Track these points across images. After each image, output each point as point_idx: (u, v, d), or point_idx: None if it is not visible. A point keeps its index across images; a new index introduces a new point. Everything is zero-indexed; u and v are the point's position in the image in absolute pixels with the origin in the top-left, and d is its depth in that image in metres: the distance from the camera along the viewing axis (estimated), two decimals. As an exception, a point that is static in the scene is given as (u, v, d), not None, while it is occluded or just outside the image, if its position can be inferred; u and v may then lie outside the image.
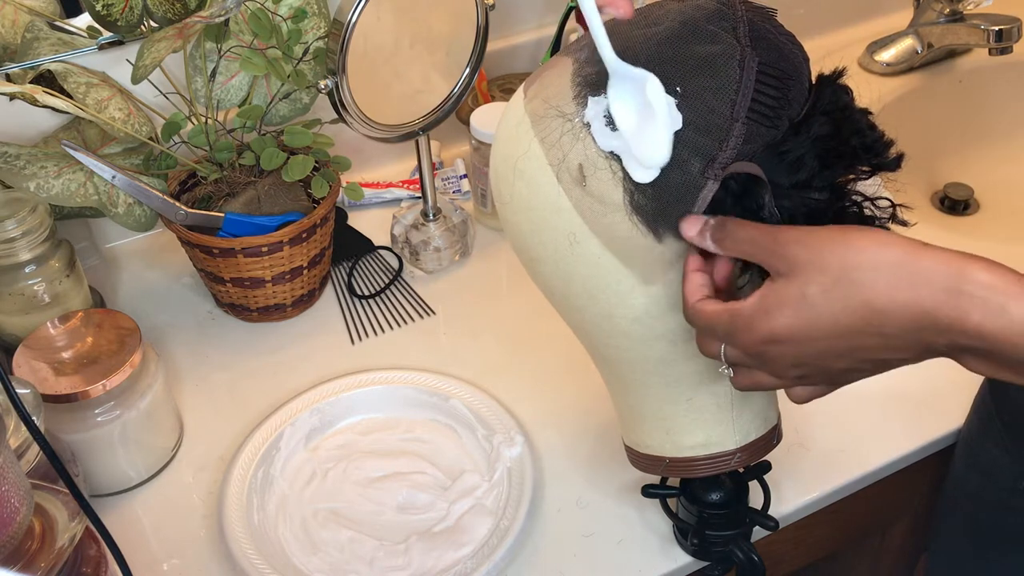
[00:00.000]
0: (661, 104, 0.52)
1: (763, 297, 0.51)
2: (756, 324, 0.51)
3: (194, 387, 0.90)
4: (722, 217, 0.53)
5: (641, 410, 0.66)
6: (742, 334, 0.52)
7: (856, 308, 0.48)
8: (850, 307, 0.48)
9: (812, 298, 0.48)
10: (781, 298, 0.50)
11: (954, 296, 0.45)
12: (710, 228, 0.53)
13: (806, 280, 0.49)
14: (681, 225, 0.54)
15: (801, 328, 0.49)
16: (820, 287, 0.48)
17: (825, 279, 0.48)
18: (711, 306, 0.54)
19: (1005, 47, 1.19)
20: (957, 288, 0.45)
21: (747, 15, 0.55)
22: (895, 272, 0.47)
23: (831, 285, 0.48)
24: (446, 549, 0.74)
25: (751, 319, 0.51)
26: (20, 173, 0.83)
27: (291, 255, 0.90)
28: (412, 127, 0.91)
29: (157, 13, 0.84)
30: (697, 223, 0.54)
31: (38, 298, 0.83)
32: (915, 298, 0.46)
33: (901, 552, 1.01)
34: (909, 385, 0.84)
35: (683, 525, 0.73)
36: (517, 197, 0.59)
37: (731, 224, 0.53)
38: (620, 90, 0.53)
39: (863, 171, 0.55)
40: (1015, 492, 0.75)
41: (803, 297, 0.49)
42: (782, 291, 0.50)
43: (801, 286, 0.49)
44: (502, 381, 0.87)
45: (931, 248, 0.47)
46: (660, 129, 0.52)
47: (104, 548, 0.64)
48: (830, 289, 0.48)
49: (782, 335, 0.50)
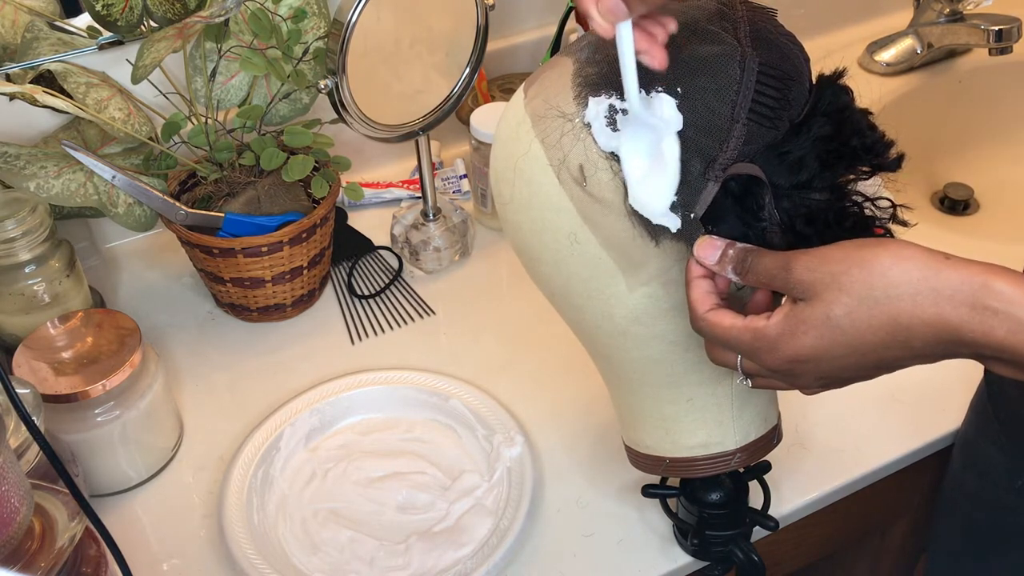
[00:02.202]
0: (674, 160, 0.52)
1: (787, 319, 0.50)
2: (781, 345, 0.50)
3: (194, 387, 0.90)
4: (745, 247, 0.53)
5: (641, 410, 0.66)
6: (766, 354, 0.51)
7: (882, 325, 0.48)
8: (875, 325, 0.48)
9: (837, 320, 0.48)
10: (806, 321, 0.49)
11: (978, 311, 0.45)
12: (731, 260, 0.53)
13: (831, 302, 0.48)
14: (696, 250, 0.54)
15: (827, 348, 0.49)
16: (845, 308, 0.48)
17: (850, 300, 0.48)
18: (728, 320, 0.53)
19: (1005, 47, 1.19)
20: (981, 303, 0.45)
21: (747, 15, 0.55)
22: (918, 288, 0.46)
23: (855, 306, 0.48)
24: (446, 549, 0.74)
25: (776, 340, 0.51)
26: (20, 173, 0.83)
27: (291, 255, 0.90)
28: (412, 127, 0.91)
29: (157, 13, 0.84)
30: (715, 251, 0.53)
31: (38, 298, 0.83)
32: (939, 314, 0.46)
33: (901, 552, 1.01)
34: (908, 385, 0.84)
35: (683, 525, 0.73)
36: (517, 197, 0.59)
37: (752, 256, 0.52)
38: (637, 134, 0.53)
39: (863, 171, 0.55)
40: (1012, 492, 0.75)
41: (828, 319, 0.48)
42: (807, 314, 0.49)
43: (826, 308, 0.48)
44: (502, 381, 0.87)
45: (952, 261, 0.47)
46: (666, 182, 0.52)
47: (104, 548, 0.64)
48: (854, 310, 0.48)
49: (808, 356, 0.50)
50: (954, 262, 0.47)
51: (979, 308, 0.45)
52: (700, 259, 0.54)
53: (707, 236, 0.54)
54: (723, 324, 0.53)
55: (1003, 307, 0.45)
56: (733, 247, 0.53)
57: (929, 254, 0.47)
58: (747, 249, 0.52)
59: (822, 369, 0.51)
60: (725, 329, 0.53)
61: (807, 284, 0.49)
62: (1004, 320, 0.45)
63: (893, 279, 0.47)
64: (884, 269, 0.47)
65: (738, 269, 0.53)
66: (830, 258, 0.49)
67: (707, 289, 0.54)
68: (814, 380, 0.52)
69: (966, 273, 0.46)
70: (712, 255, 0.53)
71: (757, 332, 0.51)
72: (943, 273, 0.46)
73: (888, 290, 0.47)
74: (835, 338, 0.49)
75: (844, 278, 0.48)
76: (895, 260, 0.47)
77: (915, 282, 0.46)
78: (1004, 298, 0.45)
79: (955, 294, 0.46)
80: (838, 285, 0.48)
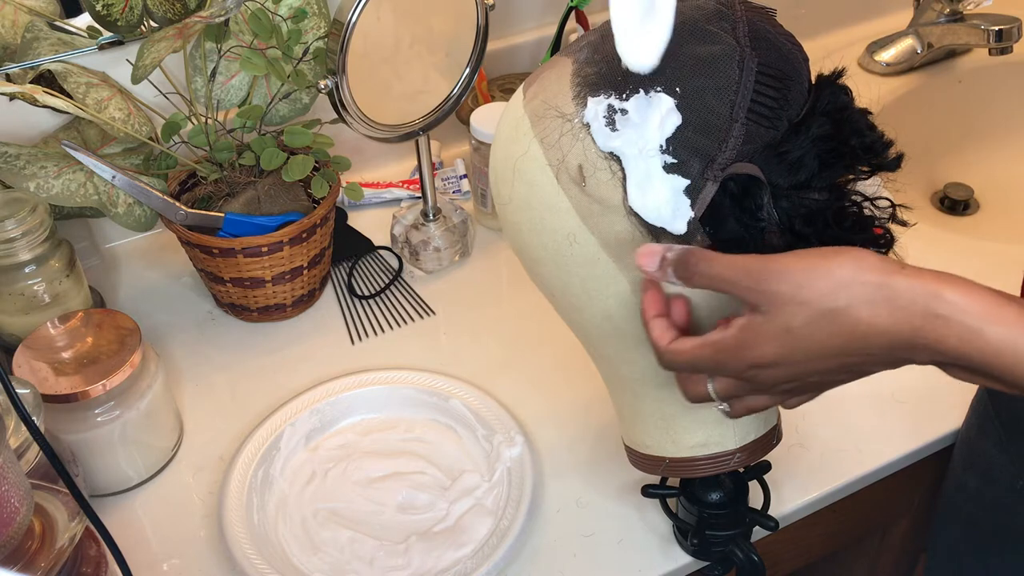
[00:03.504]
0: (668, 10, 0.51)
1: (743, 331, 0.51)
2: (742, 353, 0.51)
3: (194, 387, 0.90)
4: (683, 250, 0.52)
5: (641, 410, 0.66)
6: (729, 362, 0.52)
7: (840, 333, 0.48)
8: (834, 333, 0.48)
9: (797, 331, 0.49)
10: (764, 333, 0.50)
11: (931, 320, 0.46)
12: (671, 264, 0.52)
13: (790, 314, 0.49)
14: (637, 259, 0.53)
15: (788, 355, 0.50)
16: (804, 319, 0.49)
17: (808, 311, 0.48)
18: (688, 343, 0.53)
19: (1005, 47, 1.19)
20: (934, 312, 0.46)
21: (746, 15, 0.55)
22: (874, 297, 0.47)
23: (814, 317, 0.48)
24: (446, 549, 0.74)
25: (737, 349, 0.51)
26: (20, 173, 0.83)
27: (291, 255, 0.90)
28: (412, 127, 0.91)
29: (157, 13, 0.84)
30: (654, 257, 0.53)
31: (38, 298, 0.83)
32: (894, 323, 0.47)
33: (901, 552, 1.01)
34: (908, 386, 0.84)
35: (683, 525, 0.73)
36: (517, 197, 0.59)
37: (696, 259, 0.52)
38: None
39: (863, 171, 0.55)
40: (1013, 492, 0.75)
41: (788, 331, 0.49)
42: (765, 327, 0.50)
43: (785, 321, 0.49)
44: (502, 381, 0.87)
45: (907, 270, 0.47)
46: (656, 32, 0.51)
47: (104, 548, 0.64)
48: (813, 320, 0.48)
49: (770, 362, 0.51)
50: (908, 272, 0.47)
51: (931, 317, 0.46)
52: (641, 267, 0.54)
53: (645, 244, 0.54)
54: (684, 349, 0.53)
55: (954, 315, 0.46)
56: (671, 250, 0.52)
57: (885, 264, 0.48)
58: (687, 250, 0.52)
59: (785, 373, 0.51)
60: (687, 352, 0.53)
61: (771, 295, 0.49)
62: (955, 328, 0.46)
63: (854, 290, 0.48)
64: (846, 280, 0.48)
65: (680, 272, 0.52)
66: (795, 268, 0.49)
67: (664, 327, 0.55)
68: (780, 383, 0.53)
69: (919, 283, 0.47)
70: (652, 262, 0.53)
71: (717, 344, 0.52)
72: (898, 282, 0.47)
73: (849, 300, 0.48)
74: (795, 347, 0.49)
75: (806, 291, 0.48)
76: (853, 269, 0.48)
77: (872, 290, 0.47)
78: (956, 307, 0.46)
79: (909, 304, 0.47)
80: (800, 298, 0.48)
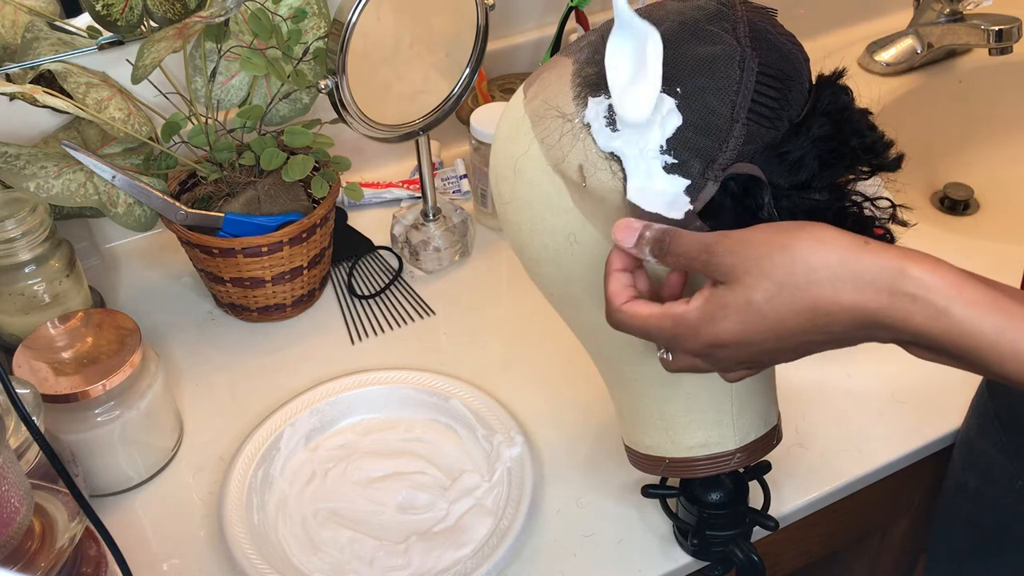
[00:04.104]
0: (656, 63, 0.51)
1: (707, 303, 0.50)
2: (702, 330, 0.50)
3: (194, 387, 0.90)
4: (662, 228, 0.52)
5: (641, 410, 0.66)
6: (687, 340, 0.51)
7: (802, 311, 0.47)
8: (796, 310, 0.47)
9: (757, 305, 0.48)
10: (727, 306, 0.49)
11: (897, 298, 0.45)
12: (648, 241, 0.52)
13: (751, 287, 0.48)
14: (615, 231, 0.53)
15: (748, 333, 0.49)
16: (765, 294, 0.48)
17: (771, 285, 0.48)
18: (646, 309, 0.52)
19: (1005, 47, 1.19)
20: (900, 289, 0.45)
21: (747, 15, 0.55)
22: (838, 274, 0.46)
23: (776, 291, 0.47)
24: (446, 549, 0.74)
25: (697, 326, 0.50)
26: (20, 173, 0.83)
27: (291, 255, 0.90)
28: (412, 127, 0.91)
29: (157, 13, 0.84)
30: (632, 232, 0.52)
31: (38, 298, 0.83)
32: (859, 300, 0.46)
33: (901, 552, 1.01)
34: (909, 385, 0.84)
35: (683, 525, 0.73)
36: (517, 197, 0.59)
37: (668, 237, 0.51)
38: (621, 40, 0.51)
39: (863, 171, 0.55)
40: (1012, 492, 0.75)
41: (748, 304, 0.48)
42: (727, 298, 0.49)
43: (746, 293, 0.48)
44: (502, 381, 0.87)
45: (872, 246, 0.47)
46: (648, 87, 0.51)
47: (104, 548, 0.64)
48: (775, 295, 0.48)
49: (729, 340, 0.50)
50: (873, 247, 0.46)
51: (898, 294, 0.45)
52: (618, 242, 0.53)
53: (625, 219, 0.53)
54: (641, 314, 0.52)
55: (921, 293, 0.45)
56: (650, 228, 0.52)
57: (850, 239, 0.47)
58: (664, 230, 0.52)
59: (743, 353, 0.51)
60: (644, 319, 0.52)
61: (728, 267, 0.49)
62: (922, 306, 0.45)
63: (813, 264, 0.47)
64: (805, 254, 0.47)
65: (655, 251, 0.52)
66: (751, 241, 0.48)
67: (625, 282, 0.54)
68: (735, 363, 0.52)
69: (884, 259, 0.46)
70: (629, 238, 0.52)
71: (677, 318, 0.51)
72: (863, 259, 0.46)
73: (809, 275, 0.47)
74: (756, 323, 0.48)
75: (765, 262, 0.48)
76: (816, 245, 0.47)
77: (835, 268, 0.46)
78: (922, 284, 0.45)
79: (874, 280, 0.46)
80: (759, 270, 0.48)
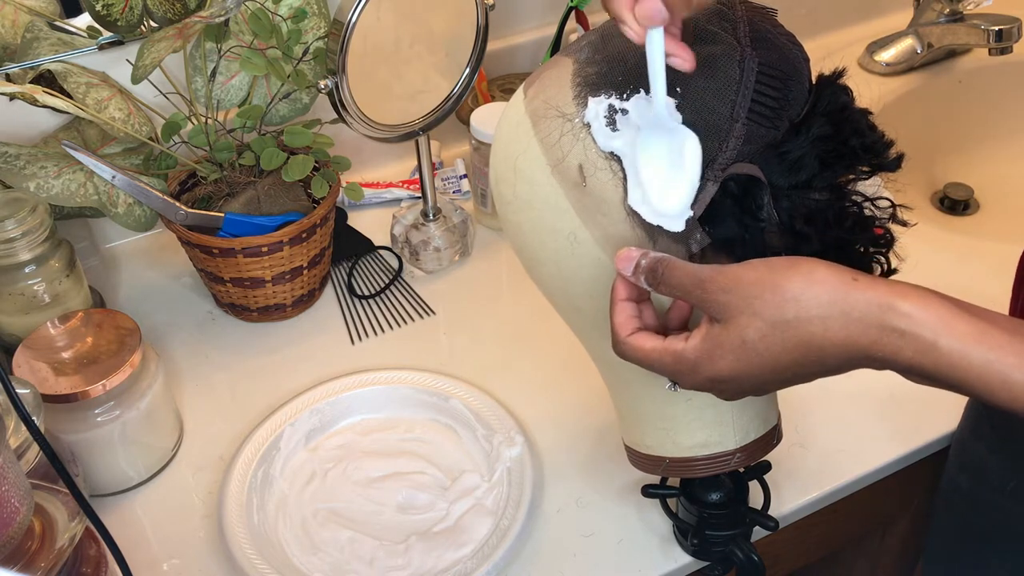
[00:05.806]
0: (695, 164, 0.52)
1: (703, 341, 0.51)
2: (700, 367, 0.52)
3: (194, 387, 0.90)
4: (656, 258, 0.53)
5: (641, 410, 0.66)
6: (686, 376, 0.53)
7: (794, 348, 0.49)
8: (789, 347, 0.49)
9: (752, 343, 0.49)
10: (723, 345, 0.50)
11: (886, 333, 0.47)
12: (643, 271, 0.53)
13: (744, 326, 0.49)
14: (616, 260, 0.54)
15: (745, 369, 0.50)
16: (758, 332, 0.49)
17: (762, 324, 0.49)
18: (649, 343, 0.54)
19: (1005, 47, 1.19)
20: (888, 325, 0.46)
21: (747, 15, 0.55)
22: (828, 312, 0.47)
23: (769, 330, 0.49)
24: (446, 549, 0.74)
25: (695, 364, 0.52)
26: (20, 173, 0.83)
27: (291, 255, 0.90)
28: (412, 127, 0.91)
29: (157, 13, 0.84)
30: (630, 261, 0.53)
31: (38, 298, 0.83)
32: (849, 337, 0.47)
33: (900, 552, 1.01)
34: (908, 386, 0.84)
35: (683, 525, 0.73)
36: (517, 197, 0.59)
37: (663, 267, 0.52)
38: (655, 138, 0.53)
39: (863, 171, 0.55)
40: (1004, 493, 0.75)
41: (743, 343, 0.49)
42: (722, 337, 0.50)
43: (740, 332, 0.49)
44: (502, 381, 0.87)
45: (861, 282, 0.48)
46: (685, 183, 0.52)
47: (104, 548, 0.64)
48: (768, 334, 0.49)
49: (728, 376, 0.51)
50: (862, 284, 0.48)
51: (887, 330, 0.46)
52: (619, 270, 0.54)
53: (626, 248, 0.54)
54: (644, 347, 0.54)
55: (909, 328, 0.46)
56: (646, 257, 0.53)
57: (839, 276, 0.48)
58: (657, 259, 0.53)
59: (742, 385, 0.52)
60: (647, 352, 0.54)
61: (722, 305, 0.50)
62: (911, 341, 0.46)
63: (804, 303, 0.48)
64: (795, 293, 0.48)
65: (650, 279, 0.53)
66: (745, 280, 0.49)
67: (630, 313, 0.55)
68: (737, 394, 0.54)
69: (873, 295, 0.47)
70: (628, 266, 0.53)
71: (677, 355, 0.52)
72: (851, 296, 0.47)
73: (799, 314, 0.48)
74: (751, 360, 0.50)
75: (757, 302, 0.49)
76: (805, 284, 0.48)
77: (825, 306, 0.48)
78: (911, 319, 0.46)
79: (863, 317, 0.47)
80: (752, 309, 0.49)
